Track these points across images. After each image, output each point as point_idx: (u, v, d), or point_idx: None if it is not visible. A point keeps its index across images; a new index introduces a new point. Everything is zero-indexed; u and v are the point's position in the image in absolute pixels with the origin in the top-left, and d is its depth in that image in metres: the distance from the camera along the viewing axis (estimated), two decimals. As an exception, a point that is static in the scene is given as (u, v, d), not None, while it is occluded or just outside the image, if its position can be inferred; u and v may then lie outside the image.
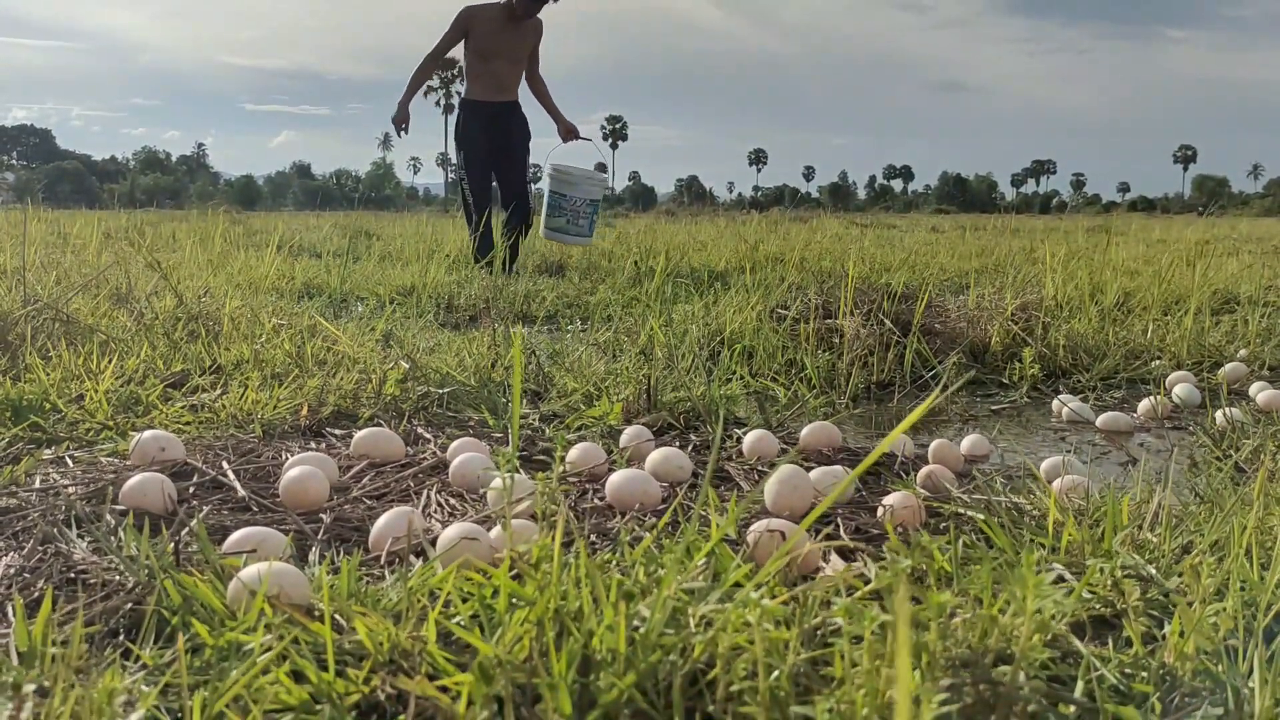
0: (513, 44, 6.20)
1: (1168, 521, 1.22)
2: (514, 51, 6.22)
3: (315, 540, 1.28)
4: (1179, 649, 0.86)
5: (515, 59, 6.26)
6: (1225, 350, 3.39)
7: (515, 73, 6.31)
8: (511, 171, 6.37)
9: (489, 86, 6.23)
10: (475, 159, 6.23)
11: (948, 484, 1.68)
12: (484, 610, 0.89)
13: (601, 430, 2.00)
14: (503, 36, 6.13)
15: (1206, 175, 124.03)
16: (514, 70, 6.29)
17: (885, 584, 0.76)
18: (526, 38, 6.23)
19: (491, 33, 6.10)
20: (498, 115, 6.26)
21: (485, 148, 6.23)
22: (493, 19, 6.09)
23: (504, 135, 6.27)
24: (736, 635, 0.74)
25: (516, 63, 6.27)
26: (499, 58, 6.18)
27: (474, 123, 6.23)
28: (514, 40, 6.18)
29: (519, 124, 6.37)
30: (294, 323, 2.87)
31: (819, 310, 3.33)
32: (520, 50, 6.24)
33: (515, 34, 6.15)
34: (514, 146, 6.32)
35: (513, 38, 6.16)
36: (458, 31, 6.16)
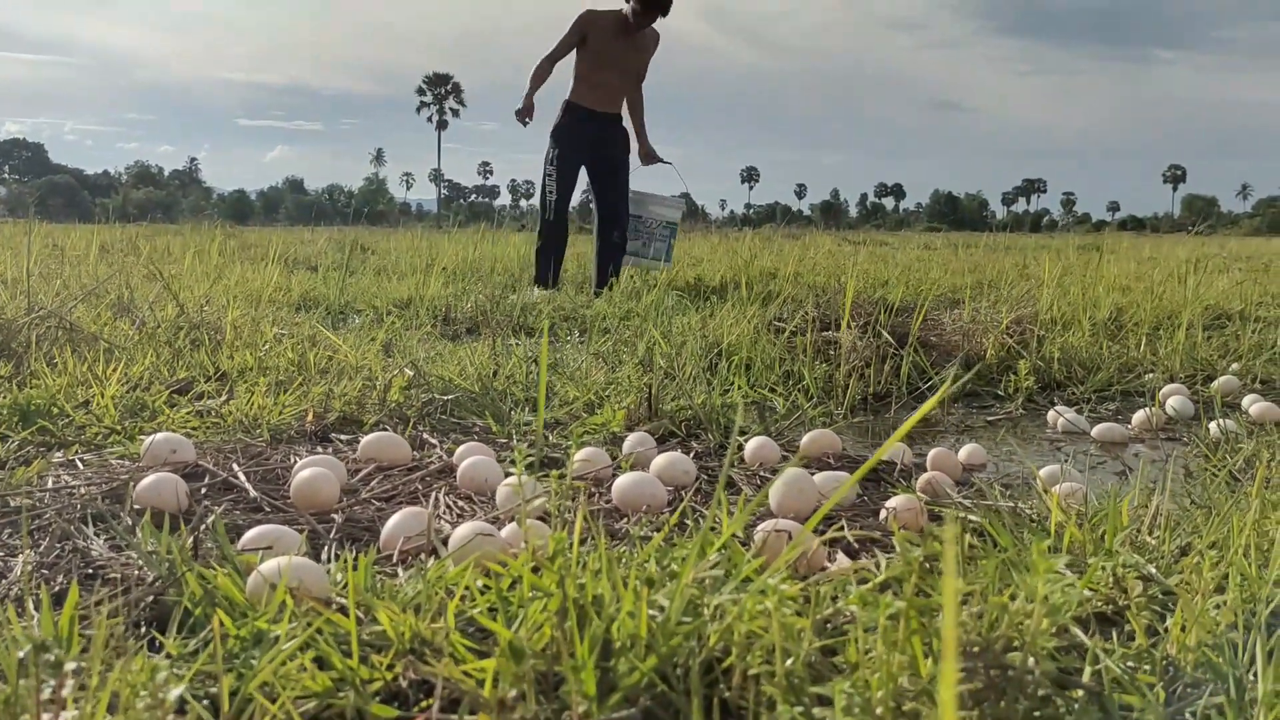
0: (626, 55, 5.96)
1: (1166, 524, 1.24)
2: (627, 63, 5.98)
3: (328, 539, 1.30)
4: (1181, 641, 0.88)
5: (626, 71, 6.01)
6: (1217, 364, 3.42)
7: (624, 86, 6.05)
8: (613, 190, 6.07)
9: (599, 95, 5.96)
10: (569, 158, 5.95)
11: (948, 489, 1.70)
12: (501, 602, 0.91)
13: (604, 437, 2.02)
14: (617, 46, 5.90)
15: (1196, 195, 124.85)
16: (624, 83, 6.03)
17: (897, 573, 0.78)
18: (642, 51, 6.02)
19: (607, 41, 5.87)
20: (604, 125, 6.00)
21: (585, 153, 5.98)
22: (609, 27, 5.87)
23: (607, 147, 6.01)
24: (753, 623, 0.76)
25: (627, 75, 6.02)
26: (612, 68, 5.93)
27: (578, 126, 5.95)
28: (629, 52, 5.95)
29: (622, 138, 6.11)
30: (295, 332, 2.89)
31: (816, 323, 3.35)
32: (633, 63, 6.01)
33: (630, 46, 5.93)
34: (616, 161, 6.06)
35: (627, 49, 5.93)
36: (576, 35, 5.91)
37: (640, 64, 6.08)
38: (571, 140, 5.93)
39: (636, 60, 6.02)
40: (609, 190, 6.06)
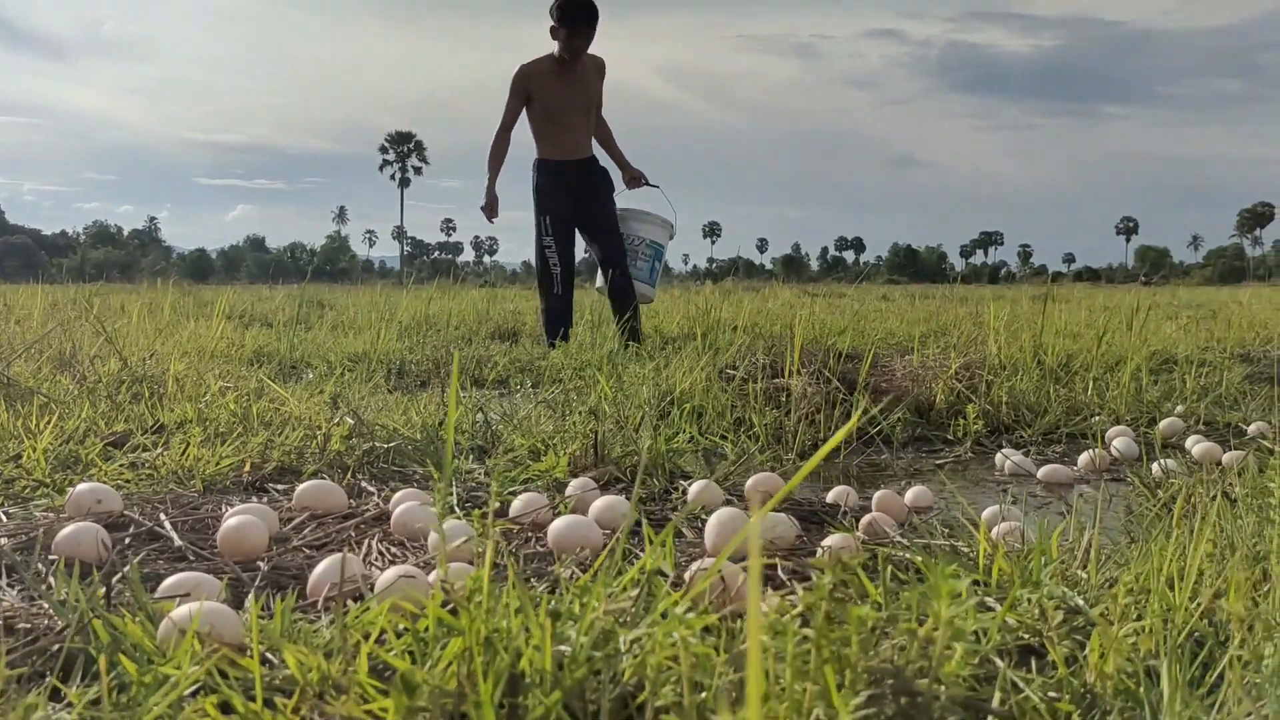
0: (575, 95, 5.64)
1: (1095, 557, 1.25)
2: (579, 102, 5.66)
3: (252, 586, 1.28)
4: (1099, 669, 0.88)
5: (583, 109, 5.69)
6: (1163, 407, 3.47)
7: (587, 125, 5.75)
8: (604, 234, 5.70)
9: (564, 145, 5.68)
10: (561, 223, 5.64)
11: (888, 529, 1.70)
12: (418, 643, 0.89)
13: (548, 484, 2.01)
14: (563, 89, 5.59)
15: (1148, 246, 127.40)
16: (585, 123, 5.73)
17: (809, 602, 0.78)
18: (588, 83, 5.69)
19: (551, 88, 5.58)
20: (583, 173, 5.70)
21: (571, 210, 5.65)
22: (548, 73, 5.56)
23: (589, 194, 5.69)
24: (663, 655, 0.75)
25: (585, 114, 5.71)
26: (567, 112, 5.63)
27: (555, 184, 5.65)
28: (576, 91, 5.64)
29: (601, 178, 5.79)
30: (241, 385, 2.86)
31: (766, 370, 3.37)
32: (585, 99, 5.69)
33: (575, 83, 5.61)
34: (602, 205, 5.72)
35: (574, 88, 5.62)
36: (519, 95, 5.63)
37: (592, 96, 5.79)
38: (556, 201, 5.63)
39: (585, 95, 5.74)
40: (601, 234, 5.71)
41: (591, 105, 5.75)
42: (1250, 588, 1.16)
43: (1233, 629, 1.01)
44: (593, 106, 5.76)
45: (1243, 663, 0.92)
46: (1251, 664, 0.92)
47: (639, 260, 5.69)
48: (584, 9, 5.43)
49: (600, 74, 5.80)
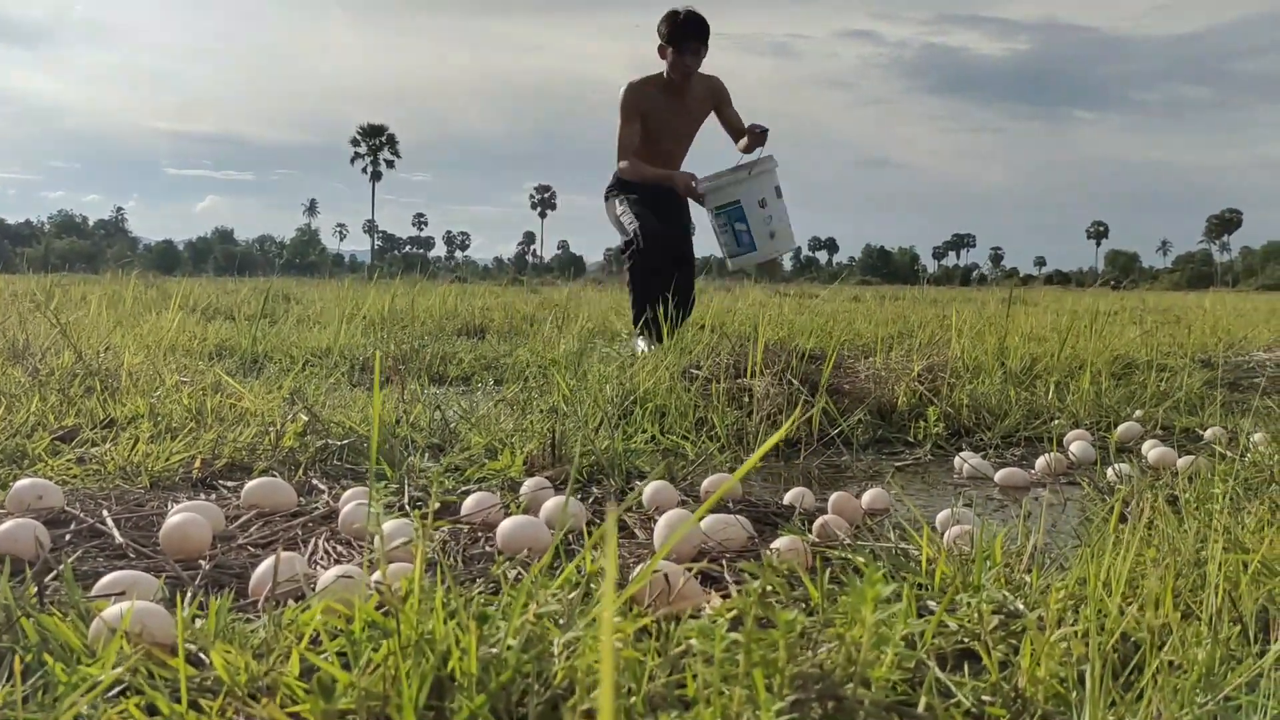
0: (679, 121, 5.09)
1: (1038, 561, 1.26)
2: (682, 129, 5.13)
3: (191, 585, 1.26)
4: (1030, 673, 0.89)
5: (684, 136, 5.17)
6: (1122, 411, 3.50)
7: (682, 151, 5.21)
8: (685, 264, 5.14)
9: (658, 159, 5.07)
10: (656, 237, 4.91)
11: (839, 532, 1.71)
12: (350, 645, 0.88)
13: (503, 483, 2.00)
14: (668, 114, 5.05)
15: (1118, 250, 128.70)
16: (681, 149, 5.19)
17: (738, 605, 0.77)
18: (695, 110, 5.11)
19: (658, 110, 5.03)
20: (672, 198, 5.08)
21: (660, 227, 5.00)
22: (656, 95, 5.00)
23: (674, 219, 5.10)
24: (592, 658, 0.75)
25: (685, 141, 5.19)
26: (667, 137, 5.10)
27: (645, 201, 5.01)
28: (680, 117, 5.08)
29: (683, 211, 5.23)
30: (198, 380, 2.83)
31: (729, 370, 3.37)
32: (689, 126, 5.15)
33: (681, 109, 5.06)
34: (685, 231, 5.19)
35: (678, 114, 5.07)
36: (633, 118, 4.99)
37: (696, 123, 5.17)
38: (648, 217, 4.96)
39: (690, 122, 5.14)
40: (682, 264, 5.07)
41: (693, 134, 5.23)
42: (1188, 593, 1.17)
43: (1168, 635, 1.02)
44: (691, 136, 5.23)
45: (1172, 668, 0.93)
46: (1181, 669, 0.93)
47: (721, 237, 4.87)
48: (694, 25, 4.88)
49: (713, 98, 5.14)
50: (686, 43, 4.86)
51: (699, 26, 4.91)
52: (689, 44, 4.87)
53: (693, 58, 4.91)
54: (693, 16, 4.90)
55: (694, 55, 4.91)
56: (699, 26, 4.91)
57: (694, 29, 4.89)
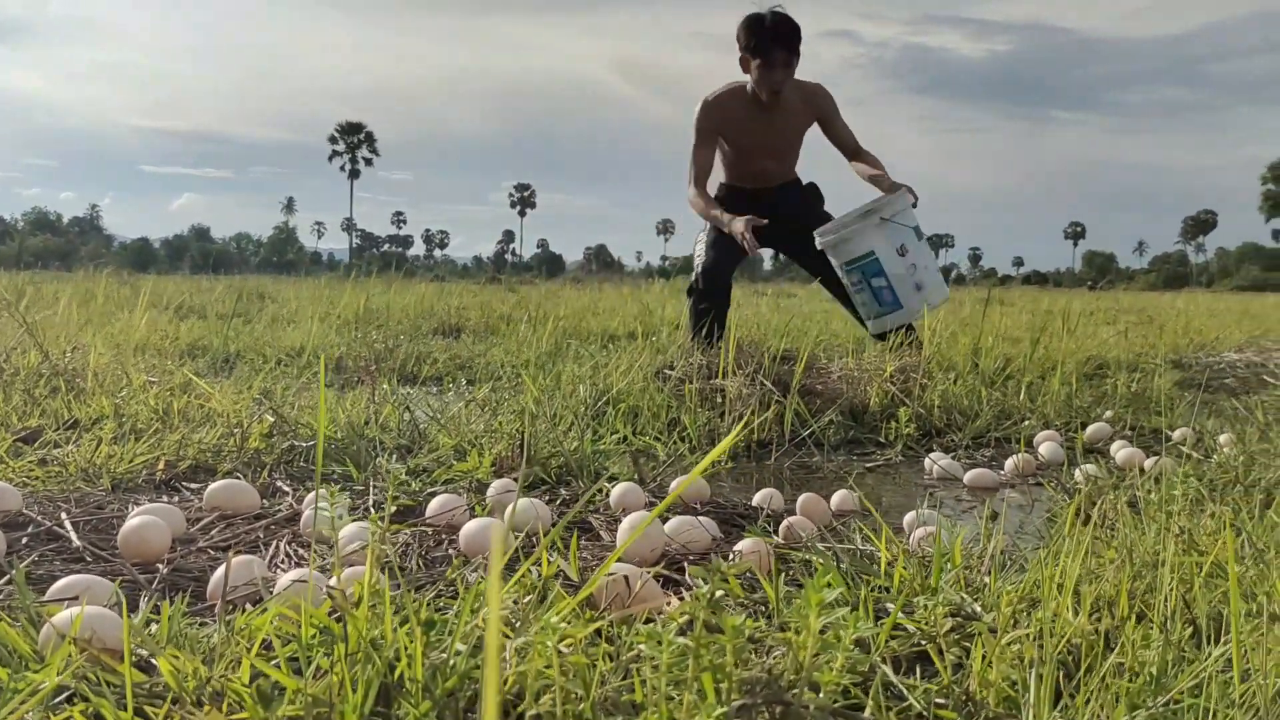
0: (772, 137, 4.32)
1: (996, 564, 1.26)
2: (776, 144, 4.36)
3: (148, 589, 1.25)
4: (982, 676, 0.89)
5: (780, 152, 4.41)
6: (1093, 412, 3.52)
7: (783, 168, 4.48)
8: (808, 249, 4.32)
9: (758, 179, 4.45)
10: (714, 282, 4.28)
11: (805, 534, 1.71)
12: (302, 650, 0.88)
13: (470, 484, 1.99)
14: (758, 129, 4.29)
15: (1095, 251, 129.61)
16: (781, 166, 4.45)
17: (686, 611, 0.78)
18: (793, 123, 4.33)
19: (743, 126, 4.30)
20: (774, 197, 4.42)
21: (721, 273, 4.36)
22: (739, 111, 4.26)
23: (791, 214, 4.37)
24: (541, 663, 0.75)
25: (784, 157, 4.44)
26: (759, 155, 4.37)
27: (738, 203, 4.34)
28: (775, 131, 4.30)
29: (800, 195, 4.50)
30: (166, 380, 2.81)
31: (703, 370, 3.38)
32: (786, 141, 4.38)
33: (774, 123, 4.28)
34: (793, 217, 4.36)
35: (771, 127, 4.29)
36: (708, 142, 4.29)
37: (794, 137, 4.40)
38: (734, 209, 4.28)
39: (786, 136, 4.36)
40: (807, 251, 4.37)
41: (794, 148, 4.46)
42: (1143, 595, 1.18)
43: (1119, 637, 1.03)
44: (795, 149, 4.47)
45: (1121, 670, 0.94)
46: (1130, 672, 0.94)
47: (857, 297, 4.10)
48: (782, 32, 4.06)
49: (814, 109, 4.34)
50: (773, 53, 4.04)
51: (788, 33, 4.09)
52: (776, 54, 4.05)
53: (782, 71, 4.09)
54: (781, 21, 4.08)
55: (784, 68, 4.10)
56: (788, 33, 4.09)
57: (782, 37, 4.06)
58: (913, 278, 3.95)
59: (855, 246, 3.95)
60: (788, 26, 4.10)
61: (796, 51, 4.14)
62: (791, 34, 4.09)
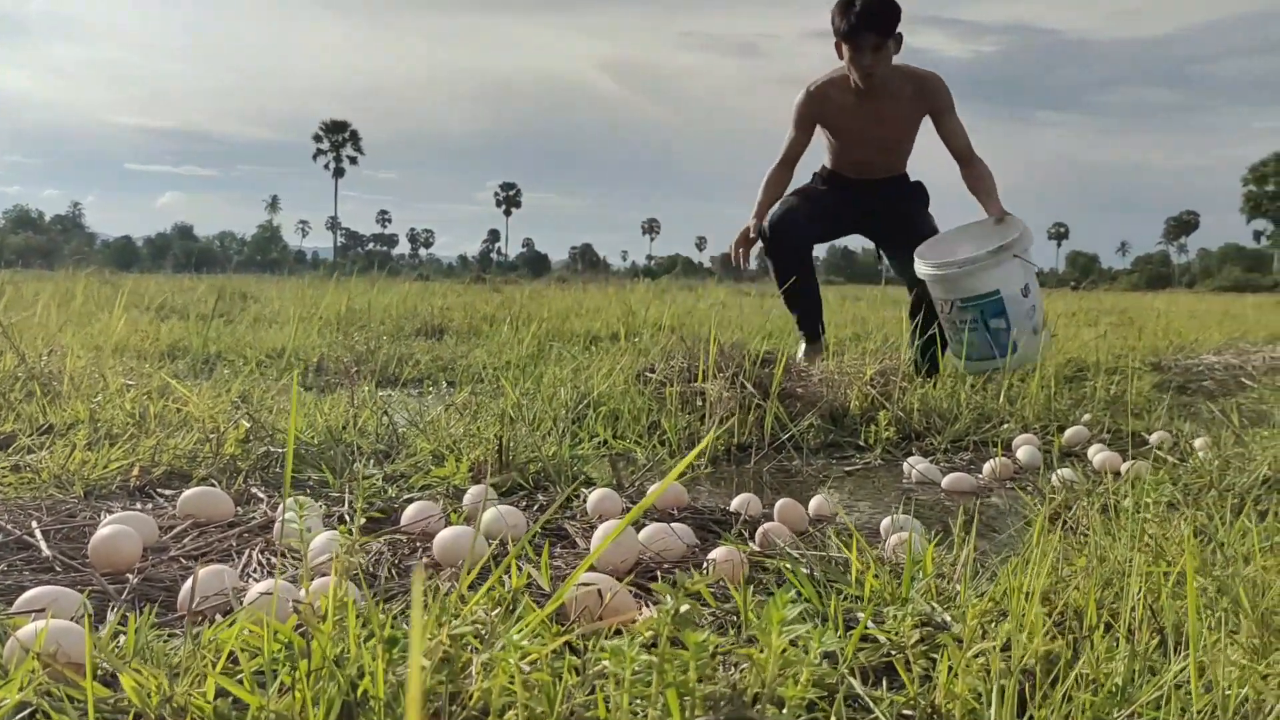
0: (876, 126, 4.11)
1: (967, 572, 1.27)
2: (882, 134, 4.16)
3: (118, 600, 1.24)
4: (947, 689, 0.90)
5: (885, 144, 4.22)
6: (1072, 415, 3.54)
7: (890, 161, 4.30)
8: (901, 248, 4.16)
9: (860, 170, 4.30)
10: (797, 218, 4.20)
11: (781, 540, 1.71)
12: (268, 665, 0.88)
13: (447, 490, 1.99)
14: (860, 119, 4.11)
15: (1079, 251, 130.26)
16: (887, 158, 4.28)
17: (652, 626, 0.78)
18: (901, 113, 4.12)
19: (844, 115, 4.13)
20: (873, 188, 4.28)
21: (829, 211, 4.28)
22: (842, 96, 4.07)
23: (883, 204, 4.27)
24: (504, 679, 0.75)
25: (889, 150, 4.26)
26: (860, 146, 4.21)
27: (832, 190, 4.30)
28: (879, 121, 4.10)
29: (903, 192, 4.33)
30: (143, 383, 2.79)
31: (684, 373, 3.38)
32: (893, 132, 4.18)
33: (879, 113, 4.08)
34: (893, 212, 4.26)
35: (875, 117, 4.10)
36: (804, 127, 4.18)
37: (901, 130, 4.19)
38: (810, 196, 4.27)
39: (889, 129, 4.15)
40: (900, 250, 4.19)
41: (903, 139, 4.25)
42: (1110, 603, 1.19)
43: (1086, 647, 1.04)
44: (904, 141, 4.26)
45: (1083, 682, 0.95)
46: (1094, 683, 0.95)
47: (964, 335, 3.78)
48: (869, 13, 3.80)
49: (927, 100, 4.10)
50: (861, 36, 3.82)
51: (879, 14, 3.81)
52: (865, 38, 3.82)
53: (873, 55, 3.86)
54: (873, 3, 3.80)
55: (875, 52, 3.85)
56: (879, 14, 3.81)
57: (872, 18, 3.80)
58: (1031, 320, 3.70)
59: (979, 284, 3.64)
60: (880, 5, 3.81)
61: (889, 34, 3.85)
62: (883, 15, 3.81)
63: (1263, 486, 2.31)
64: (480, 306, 8.88)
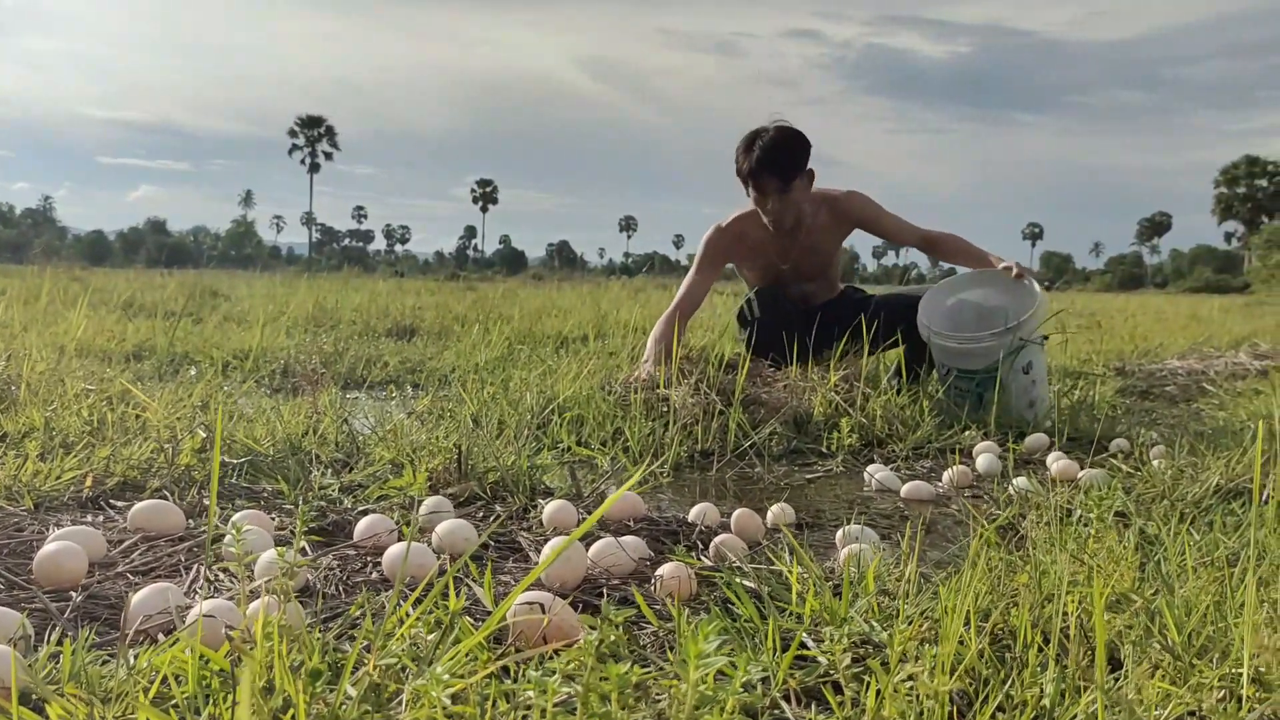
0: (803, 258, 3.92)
1: (906, 589, 1.28)
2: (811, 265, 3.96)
3: (60, 619, 1.24)
4: (875, 713, 0.91)
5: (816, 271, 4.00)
6: (1034, 422, 3.57)
7: (824, 288, 4.07)
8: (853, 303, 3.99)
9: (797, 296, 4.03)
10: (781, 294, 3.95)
11: (733, 554, 1.72)
12: (201, 692, 0.88)
13: (405, 501, 1.99)
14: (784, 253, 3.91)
15: (1053, 252, 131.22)
16: (822, 287, 4.06)
17: (577, 656, 0.79)
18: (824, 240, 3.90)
19: (765, 253, 3.91)
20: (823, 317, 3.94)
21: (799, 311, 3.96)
22: (758, 233, 3.85)
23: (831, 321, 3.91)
24: (427, 711, 0.75)
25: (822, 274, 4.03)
26: (794, 280, 3.98)
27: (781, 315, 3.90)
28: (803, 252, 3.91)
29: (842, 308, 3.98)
30: (104, 388, 2.77)
31: (649, 380, 3.39)
32: (820, 259, 3.95)
33: (800, 245, 3.88)
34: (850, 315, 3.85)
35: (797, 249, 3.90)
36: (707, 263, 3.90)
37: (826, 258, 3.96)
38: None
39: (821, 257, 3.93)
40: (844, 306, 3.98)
41: (830, 262, 4.00)
42: (1045, 623, 1.21)
43: (1019, 666, 1.05)
44: (831, 263, 4.02)
45: (1014, 704, 0.96)
46: (1023, 705, 0.96)
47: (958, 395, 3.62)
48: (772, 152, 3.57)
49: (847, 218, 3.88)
50: (763, 180, 3.60)
51: (777, 157, 3.55)
52: (768, 181, 3.59)
53: (778, 200, 3.63)
54: (773, 144, 3.56)
55: (780, 196, 3.62)
56: (777, 157, 3.55)
57: (770, 162, 3.55)
58: (1029, 394, 3.59)
59: (978, 361, 3.55)
60: (783, 143, 3.57)
61: (794, 178, 3.61)
62: (786, 156, 3.58)
63: (1214, 496, 2.35)
64: (453, 306, 8.86)
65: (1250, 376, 5.53)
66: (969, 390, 3.59)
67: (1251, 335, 8.12)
